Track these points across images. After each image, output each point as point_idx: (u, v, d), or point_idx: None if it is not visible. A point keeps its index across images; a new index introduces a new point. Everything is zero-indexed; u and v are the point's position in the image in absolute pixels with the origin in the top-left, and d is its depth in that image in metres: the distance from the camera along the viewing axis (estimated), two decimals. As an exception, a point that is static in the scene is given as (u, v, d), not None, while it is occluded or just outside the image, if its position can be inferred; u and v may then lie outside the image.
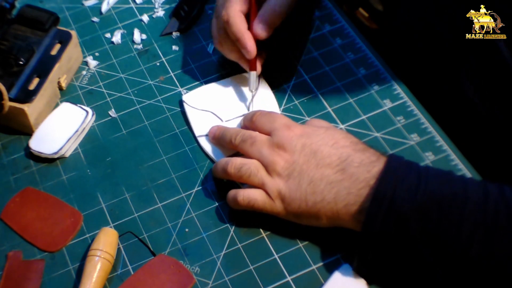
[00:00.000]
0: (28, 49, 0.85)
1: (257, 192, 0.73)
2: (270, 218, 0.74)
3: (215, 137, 0.80)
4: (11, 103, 0.81)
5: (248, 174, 0.73)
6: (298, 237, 0.73)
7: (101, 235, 0.72)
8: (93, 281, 0.69)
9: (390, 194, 0.64)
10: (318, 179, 0.69)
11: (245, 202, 0.73)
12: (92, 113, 0.85)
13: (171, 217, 0.76)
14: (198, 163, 0.80)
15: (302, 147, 0.71)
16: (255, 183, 0.73)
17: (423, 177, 0.64)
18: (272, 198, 0.71)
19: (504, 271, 0.61)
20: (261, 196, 0.72)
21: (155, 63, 0.91)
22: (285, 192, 0.71)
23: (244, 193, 0.73)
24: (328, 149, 0.70)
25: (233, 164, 0.74)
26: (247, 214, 0.75)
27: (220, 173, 0.76)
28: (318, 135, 0.72)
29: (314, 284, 0.70)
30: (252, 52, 0.80)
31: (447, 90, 0.82)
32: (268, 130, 0.75)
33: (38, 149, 0.81)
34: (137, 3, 0.98)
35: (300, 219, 0.71)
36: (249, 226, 0.75)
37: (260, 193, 0.72)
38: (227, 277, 0.71)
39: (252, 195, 0.73)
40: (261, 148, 0.73)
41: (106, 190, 0.79)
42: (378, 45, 0.89)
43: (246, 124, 0.79)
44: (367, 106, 0.83)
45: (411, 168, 0.66)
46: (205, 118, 0.83)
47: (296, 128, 0.74)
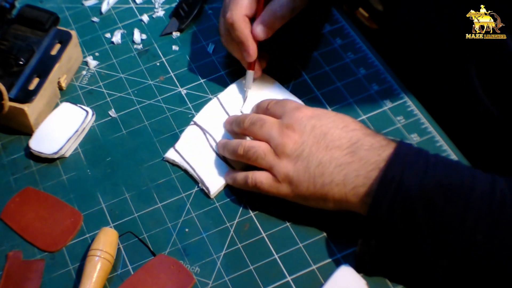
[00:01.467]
0: (28, 49, 0.85)
1: (263, 174, 0.73)
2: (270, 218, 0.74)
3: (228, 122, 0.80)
4: (11, 103, 0.81)
5: (256, 157, 0.73)
6: (298, 237, 0.73)
7: (101, 235, 0.72)
8: (93, 281, 0.69)
9: (398, 178, 0.64)
10: (327, 161, 0.69)
11: (252, 184, 0.73)
12: (92, 113, 0.85)
13: (171, 217, 0.76)
14: (198, 163, 0.80)
15: (311, 128, 0.72)
16: (262, 166, 0.73)
17: (432, 164, 0.65)
18: (279, 181, 0.72)
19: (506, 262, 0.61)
20: (267, 179, 0.72)
21: (155, 63, 0.91)
22: (293, 174, 0.71)
23: (252, 175, 0.74)
24: (338, 132, 0.71)
25: (242, 147, 0.75)
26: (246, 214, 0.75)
27: (230, 154, 0.77)
28: (328, 118, 0.72)
29: (314, 284, 0.70)
30: (253, 56, 0.81)
31: (447, 90, 0.82)
32: (280, 115, 0.75)
33: (38, 149, 0.81)
34: (137, 3, 0.98)
35: (307, 201, 0.72)
36: (250, 226, 0.75)
37: (267, 176, 0.73)
38: (227, 277, 0.71)
39: (258, 177, 0.73)
40: (271, 129, 0.74)
41: (106, 190, 0.79)
42: (378, 45, 0.89)
43: (260, 113, 0.79)
44: (367, 106, 0.83)
45: (420, 154, 0.66)
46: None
47: (307, 110, 0.74)
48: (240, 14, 0.80)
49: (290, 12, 0.80)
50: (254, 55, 0.81)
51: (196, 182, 0.78)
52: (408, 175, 0.64)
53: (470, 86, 0.78)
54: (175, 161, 0.79)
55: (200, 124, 0.82)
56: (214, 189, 0.77)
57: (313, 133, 0.71)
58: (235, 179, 0.76)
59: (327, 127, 0.71)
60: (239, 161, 0.77)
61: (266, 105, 0.79)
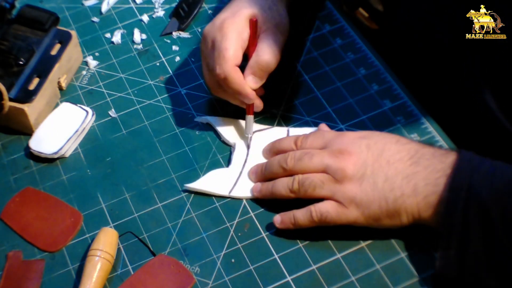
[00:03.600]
0: (28, 49, 0.85)
1: (327, 203, 0.70)
2: (270, 218, 0.74)
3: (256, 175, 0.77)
4: (11, 103, 0.81)
5: (313, 187, 0.70)
6: (298, 237, 0.73)
7: (101, 235, 0.72)
8: (93, 281, 0.69)
9: (467, 182, 0.64)
10: (393, 175, 0.68)
11: (318, 217, 0.70)
12: (92, 113, 0.85)
13: (171, 217, 0.76)
14: (198, 163, 0.80)
15: (367, 147, 0.70)
16: (322, 195, 0.70)
17: (498, 166, 0.65)
18: (345, 206, 0.69)
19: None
20: (333, 207, 0.69)
21: (155, 63, 0.91)
22: (361, 196, 0.68)
23: (315, 208, 0.70)
24: (394, 146, 0.70)
25: (296, 181, 0.71)
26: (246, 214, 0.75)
27: (284, 193, 0.73)
28: (378, 135, 0.71)
29: (314, 284, 0.70)
30: (253, 98, 0.78)
31: (447, 90, 0.82)
32: (322, 145, 0.73)
33: (38, 149, 0.81)
34: (137, 3, 0.98)
35: (379, 221, 0.69)
36: (250, 226, 0.75)
37: (331, 204, 0.69)
38: (227, 277, 0.71)
39: (323, 208, 0.70)
40: (323, 158, 0.71)
41: (106, 190, 0.79)
42: (378, 45, 0.89)
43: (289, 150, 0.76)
44: (367, 106, 0.83)
45: (484, 159, 0.66)
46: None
47: (351, 133, 0.73)
48: (231, 67, 0.76)
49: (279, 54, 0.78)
50: (254, 98, 0.78)
51: None
52: (477, 177, 0.64)
53: (470, 85, 0.78)
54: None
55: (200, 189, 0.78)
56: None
57: (370, 151, 0.70)
58: (296, 220, 0.71)
59: (382, 143, 0.70)
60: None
61: (293, 143, 0.76)
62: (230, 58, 0.76)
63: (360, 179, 0.69)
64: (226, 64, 0.76)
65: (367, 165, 0.69)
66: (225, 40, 0.77)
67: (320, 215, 0.70)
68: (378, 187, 0.68)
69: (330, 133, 0.75)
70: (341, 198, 0.69)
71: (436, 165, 0.67)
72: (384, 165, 0.69)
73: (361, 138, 0.71)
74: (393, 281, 0.69)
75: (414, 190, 0.67)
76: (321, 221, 0.70)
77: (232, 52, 0.76)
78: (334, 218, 0.70)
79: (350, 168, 0.69)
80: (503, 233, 0.62)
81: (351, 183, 0.69)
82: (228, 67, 0.76)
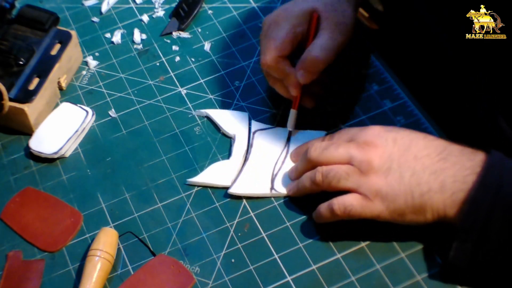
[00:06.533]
0: (28, 49, 0.85)
1: (351, 196, 0.68)
2: (270, 218, 0.74)
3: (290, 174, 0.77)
4: (11, 103, 0.81)
5: (338, 179, 0.69)
6: (298, 237, 0.73)
7: (101, 235, 0.72)
8: (93, 281, 0.69)
9: (497, 182, 0.63)
10: (420, 170, 0.66)
11: (341, 211, 0.68)
12: (92, 113, 0.85)
13: (171, 217, 0.76)
14: (198, 163, 0.80)
15: (393, 141, 0.69)
16: (346, 187, 0.69)
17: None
18: (370, 199, 0.67)
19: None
20: (357, 200, 0.68)
21: (155, 63, 0.91)
22: (386, 189, 0.67)
23: (338, 201, 0.69)
24: (422, 141, 0.69)
25: (320, 172, 0.70)
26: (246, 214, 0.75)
27: (308, 186, 0.72)
28: (404, 130, 0.70)
29: (314, 284, 0.70)
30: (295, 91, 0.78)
31: (447, 90, 0.82)
32: (347, 139, 0.72)
33: (38, 149, 0.81)
34: (137, 3, 0.98)
35: (404, 216, 0.67)
36: (250, 226, 0.75)
37: (355, 197, 0.68)
38: (227, 277, 0.71)
39: (347, 201, 0.68)
40: (349, 149, 0.70)
41: (106, 190, 0.79)
42: (378, 45, 0.89)
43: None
44: (367, 106, 0.83)
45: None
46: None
47: (377, 126, 0.71)
48: (273, 57, 0.77)
49: (333, 53, 0.77)
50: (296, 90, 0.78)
51: None
52: (507, 179, 0.63)
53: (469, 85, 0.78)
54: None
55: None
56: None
57: (396, 145, 0.68)
58: (319, 214, 0.71)
59: (409, 138, 0.69)
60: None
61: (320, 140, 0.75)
62: (275, 49, 0.77)
63: (386, 172, 0.68)
64: (270, 53, 0.77)
65: (393, 159, 0.68)
66: (276, 30, 0.78)
67: (344, 208, 0.68)
68: (405, 181, 0.67)
69: (355, 128, 0.74)
70: (366, 190, 0.68)
71: (465, 162, 0.66)
72: (411, 159, 0.67)
73: (387, 131, 0.70)
74: (393, 281, 0.69)
75: (442, 187, 0.65)
76: (344, 214, 0.69)
77: (278, 43, 0.77)
78: (359, 211, 0.68)
79: (376, 160, 0.68)
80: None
81: (376, 175, 0.68)
82: (271, 56, 0.77)
